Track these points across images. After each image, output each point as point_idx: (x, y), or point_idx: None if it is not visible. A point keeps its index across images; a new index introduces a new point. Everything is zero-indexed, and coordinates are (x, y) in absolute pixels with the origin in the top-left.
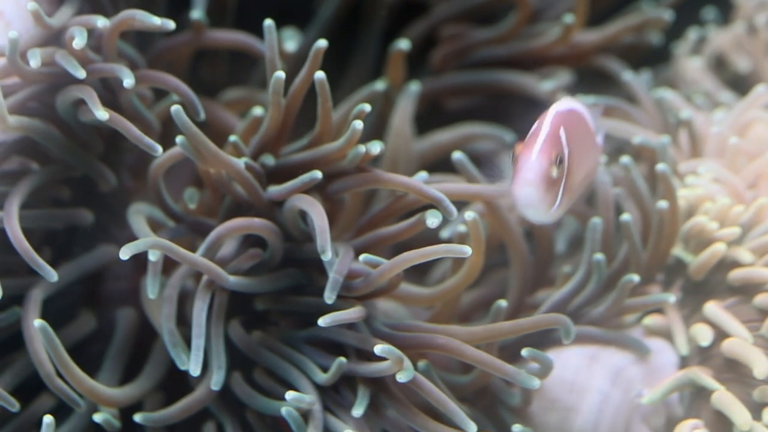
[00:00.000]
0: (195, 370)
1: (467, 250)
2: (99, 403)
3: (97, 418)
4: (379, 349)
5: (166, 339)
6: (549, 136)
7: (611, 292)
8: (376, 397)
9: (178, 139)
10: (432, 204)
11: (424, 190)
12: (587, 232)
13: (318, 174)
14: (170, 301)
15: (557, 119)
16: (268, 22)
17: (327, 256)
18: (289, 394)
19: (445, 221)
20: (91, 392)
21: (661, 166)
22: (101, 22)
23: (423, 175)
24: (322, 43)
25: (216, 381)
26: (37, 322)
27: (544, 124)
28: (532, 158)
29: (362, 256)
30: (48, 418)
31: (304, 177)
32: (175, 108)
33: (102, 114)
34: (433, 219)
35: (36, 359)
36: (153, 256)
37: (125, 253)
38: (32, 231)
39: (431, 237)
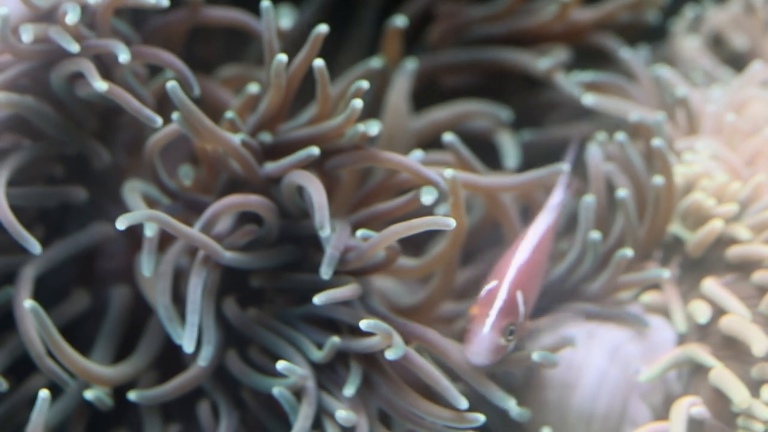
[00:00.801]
0: (189, 346)
1: (451, 222)
2: (92, 382)
3: (89, 395)
4: (365, 324)
5: (162, 314)
6: (504, 305)
7: (607, 269)
8: (369, 375)
9: (175, 115)
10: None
11: (421, 171)
12: (580, 210)
13: (315, 150)
14: (165, 276)
15: (515, 281)
16: (266, 4)
17: (325, 232)
18: (281, 364)
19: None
20: (83, 371)
21: (656, 142)
22: None
23: (418, 154)
24: (323, 28)
25: (204, 356)
26: (28, 303)
27: (502, 288)
28: (484, 333)
29: (358, 232)
30: (44, 393)
31: (301, 153)
32: (171, 84)
33: (101, 85)
34: (428, 196)
35: (26, 339)
36: (150, 231)
37: (121, 224)
38: (25, 209)
39: (427, 213)
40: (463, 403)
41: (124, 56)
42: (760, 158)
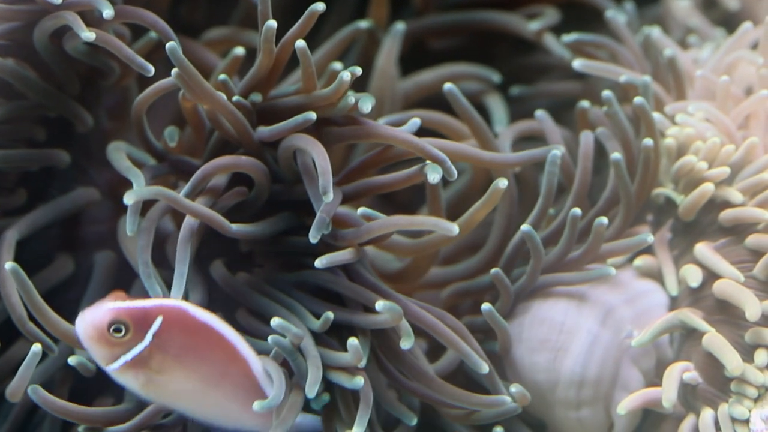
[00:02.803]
0: (177, 293)
1: (455, 229)
2: (73, 345)
3: (72, 360)
4: (380, 305)
5: (141, 270)
6: (139, 308)
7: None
8: (375, 350)
9: (174, 71)
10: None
11: (427, 149)
12: (546, 171)
13: (312, 115)
14: (147, 232)
15: (165, 310)
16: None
17: (329, 197)
18: (275, 321)
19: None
20: (66, 335)
21: (638, 99)
22: None
23: (416, 121)
24: (320, 6)
25: (175, 294)
26: (9, 265)
27: (151, 301)
28: (95, 307)
29: (360, 210)
30: (36, 347)
31: (298, 117)
32: (171, 45)
33: (88, 34)
34: (434, 174)
35: (8, 303)
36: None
37: (129, 199)
38: (6, 172)
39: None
40: (485, 368)
41: (108, 11)
42: (753, 120)
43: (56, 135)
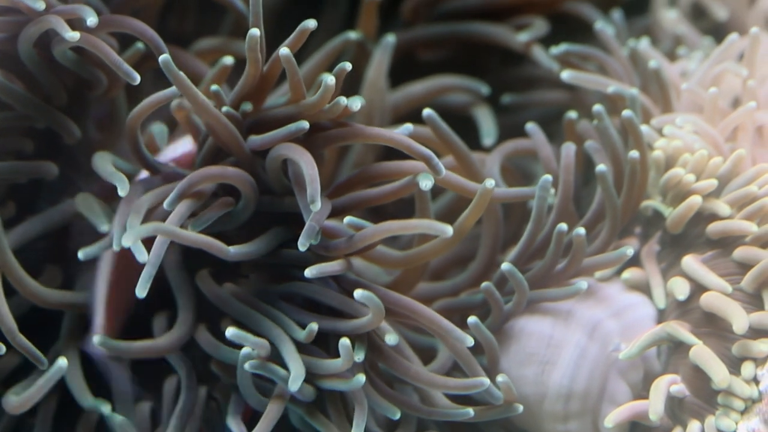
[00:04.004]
0: (141, 292)
1: (449, 230)
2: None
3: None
4: (358, 294)
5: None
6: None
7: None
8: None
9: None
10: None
11: (413, 146)
12: (536, 196)
13: (305, 124)
14: (137, 212)
15: None
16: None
17: (316, 206)
18: (231, 331)
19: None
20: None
21: (626, 112)
22: None
23: (408, 126)
24: (311, 23)
25: (140, 291)
26: None
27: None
28: None
29: (347, 219)
30: (62, 361)
31: (291, 126)
32: (164, 57)
33: (72, 35)
34: (426, 181)
35: None
36: (122, 192)
37: (128, 240)
38: None
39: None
40: (469, 341)
41: (92, 19)
42: (740, 132)
43: (44, 147)
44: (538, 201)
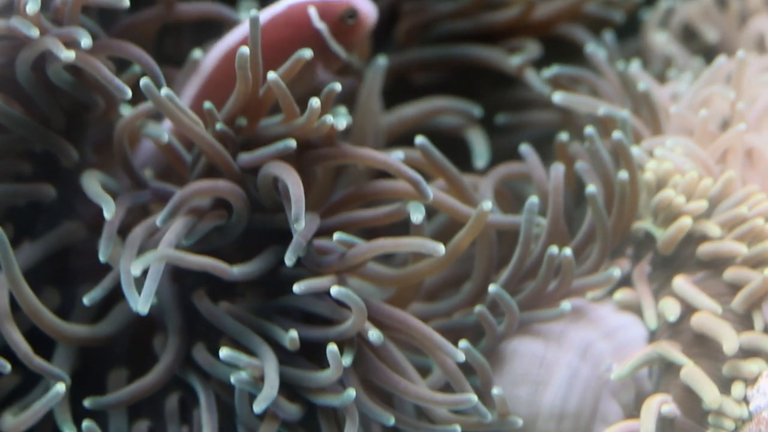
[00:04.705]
0: (143, 307)
1: (441, 249)
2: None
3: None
4: (335, 291)
5: (123, 279)
6: None
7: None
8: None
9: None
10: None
11: (402, 170)
12: (523, 219)
13: (292, 142)
14: (131, 246)
15: None
16: (253, 13)
17: (300, 225)
18: (224, 352)
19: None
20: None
21: (616, 134)
22: None
23: (399, 154)
24: (308, 53)
25: (142, 305)
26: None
27: None
28: None
29: (336, 235)
30: (60, 387)
31: (279, 144)
32: (144, 81)
33: (67, 54)
34: (417, 214)
35: (10, 341)
36: (108, 215)
37: (137, 269)
38: None
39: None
40: (460, 356)
41: (86, 41)
42: (730, 154)
43: (42, 169)
44: (525, 224)
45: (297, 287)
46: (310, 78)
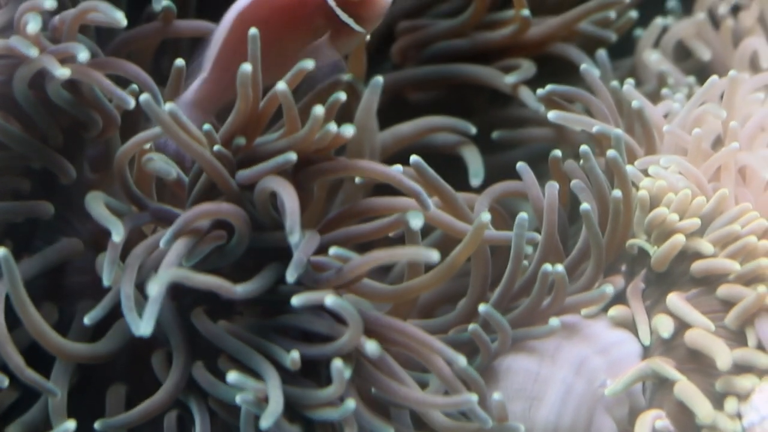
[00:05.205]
0: (146, 328)
1: (436, 256)
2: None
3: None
4: (330, 300)
5: (123, 303)
6: None
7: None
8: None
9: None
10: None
11: (403, 181)
12: (513, 234)
13: (293, 155)
14: (131, 268)
15: None
16: (253, 31)
17: (295, 238)
18: (232, 376)
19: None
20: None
21: (611, 152)
22: (49, 3)
23: (398, 167)
24: (310, 64)
25: (144, 327)
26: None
27: None
28: None
29: (332, 250)
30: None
31: (278, 158)
32: (144, 98)
33: (62, 71)
34: (416, 220)
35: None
36: (117, 237)
37: (153, 289)
38: None
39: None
40: (462, 360)
41: (83, 54)
42: (723, 172)
43: (40, 186)
44: (516, 239)
45: (296, 299)
46: (318, 54)
